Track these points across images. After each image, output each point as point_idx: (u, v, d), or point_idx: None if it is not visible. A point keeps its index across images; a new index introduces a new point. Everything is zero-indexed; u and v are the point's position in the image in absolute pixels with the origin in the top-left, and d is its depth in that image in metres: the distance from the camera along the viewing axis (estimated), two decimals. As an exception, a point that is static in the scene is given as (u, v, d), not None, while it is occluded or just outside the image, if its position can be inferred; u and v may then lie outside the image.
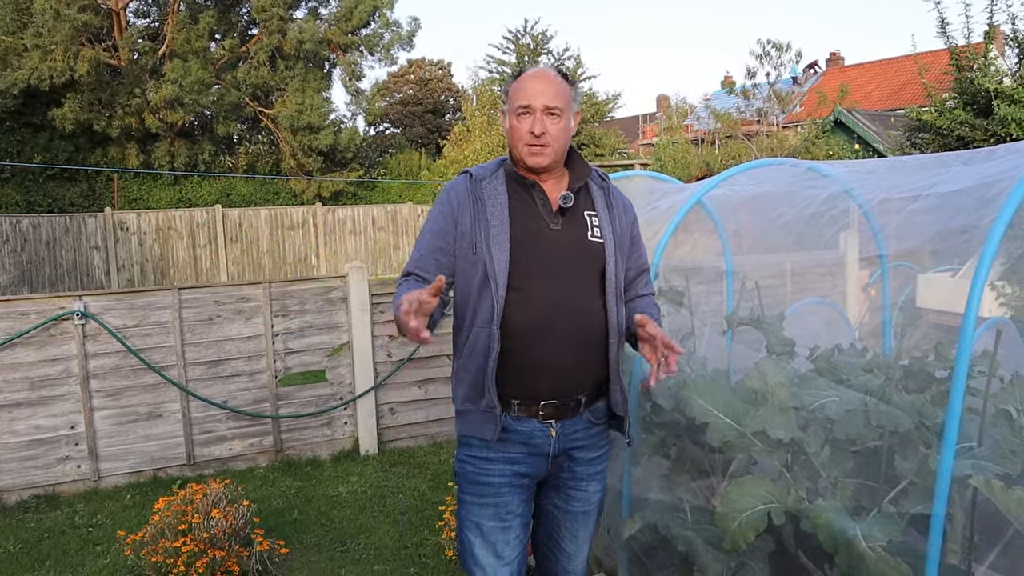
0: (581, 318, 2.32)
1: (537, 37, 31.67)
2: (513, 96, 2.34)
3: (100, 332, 5.39)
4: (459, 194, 2.35)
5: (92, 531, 4.81)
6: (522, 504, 2.41)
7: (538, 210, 2.33)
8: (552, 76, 2.33)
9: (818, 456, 2.64)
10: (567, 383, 2.34)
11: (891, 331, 4.20)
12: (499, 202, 2.31)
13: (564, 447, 2.39)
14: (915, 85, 23.15)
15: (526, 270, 2.26)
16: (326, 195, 21.95)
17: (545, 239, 2.31)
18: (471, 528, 2.39)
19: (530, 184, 2.35)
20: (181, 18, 20.56)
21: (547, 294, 2.28)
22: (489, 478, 2.37)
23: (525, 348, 2.27)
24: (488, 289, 2.24)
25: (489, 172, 2.38)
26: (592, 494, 2.50)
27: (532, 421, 2.34)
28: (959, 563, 2.41)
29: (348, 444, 6.17)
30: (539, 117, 2.27)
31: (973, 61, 10.62)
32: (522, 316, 2.26)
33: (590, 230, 2.36)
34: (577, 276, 2.32)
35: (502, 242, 2.25)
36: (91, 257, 16.94)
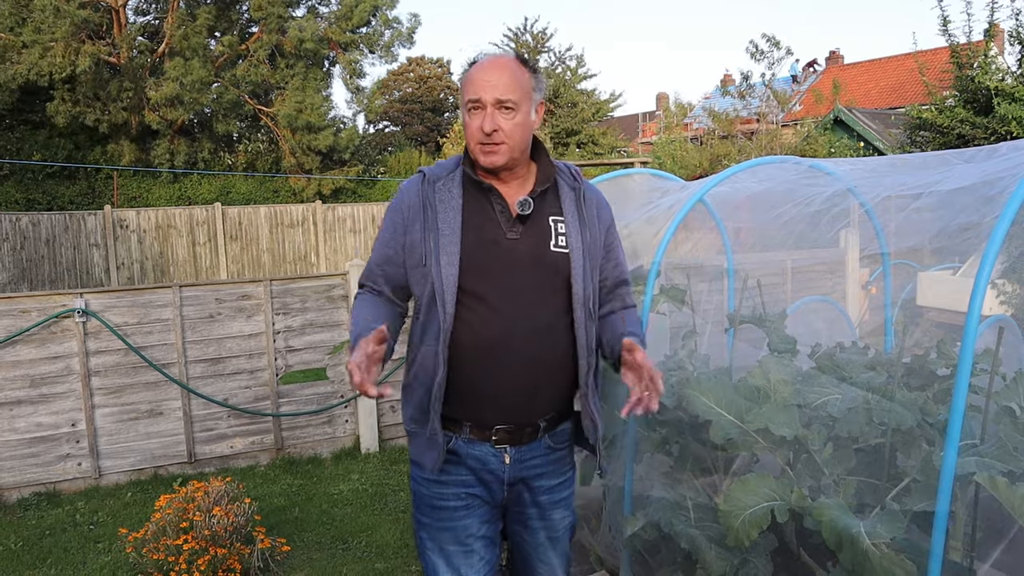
0: (540, 338, 2.10)
1: (537, 35, 31.68)
2: (463, 88, 2.11)
3: (101, 330, 5.39)
4: (410, 198, 2.15)
5: (93, 529, 4.81)
6: (483, 525, 2.23)
7: (495, 216, 2.11)
8: (506, 64, 2.08)
9: (821, 453, 2.64)
10: (522, 409, 2.15)
11: (892, 329, 4.20)
12: (452, 207, 2.09)
13: (520, 475, 2.21)
14: (914, 83, 23.14)
15: (477, 285, 2.06)
16: (326, 193, 21.95)
17: (500, 250, 2.08)
18: (434, 551, 2.23)
19: (487, 188, 2.11)
20: (180, 16, 20.54)
21: (501, 312, 2.06)
22: (444, 502, 2.20)
23: (475, 371, 2.08)
24: (435, 307, 2.05)
25: (445, 172, 2.16)
26: (558, 521, 2.32)
27: (484, 445, 2.16)
28: (962, 560, 2.42)
29: (349, 442, 6.17)
30: (490, 112, 2.03)
31: (974, 59, 10.63)
32: (472, 336, 2.06)
33: (554, 238, 2.12)
34: (537, 291, 2.09)
35: (451, 254, 2.04)
36: (91, 255, 16.92)
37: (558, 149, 27.99)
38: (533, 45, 31.67)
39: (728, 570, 2.61)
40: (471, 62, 2.13)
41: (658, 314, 3.48)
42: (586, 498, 3.84)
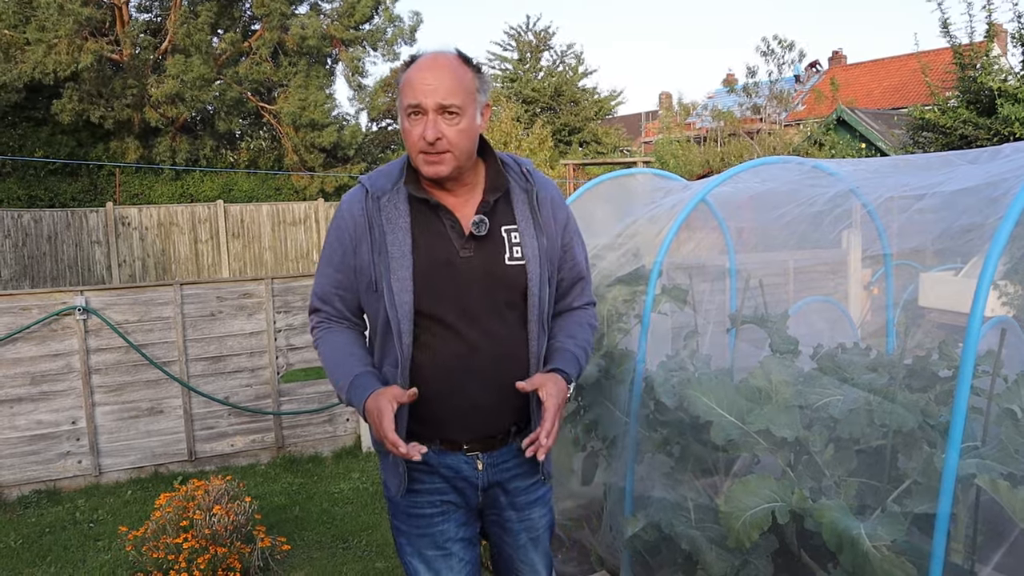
0: (501, 356, 2.03)
1: (539, 34, 31.69)
2: (401, 92, 1.93)
3: (102, 327, 5.39)
4: (355, 218, 2.01)
5: (93, 527, 4.81)
6: (460, 528, 2.18)
7: (446, 232, 1.98)
8: (447, 63, 1.92)
9: (822, 455, 2.64)
10: (489, 424, 2.09)
11: (894, 330, 4.20)
12: (400, 227, 1.96)
13: (494, 479, 2.15)
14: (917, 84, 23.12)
15: (436, 310, 1.97)
16: (328, 191, 21.94)
17: (454, 269, 1.97)
18: (413, 556, 2.18)
19: (434, 204, 1.99)
20: (183, 13, 20.54)
21: (461, 333, 1.99)
22: (419, 510, 2.14)
23: (440, 396, 2.01)
24: (390, 333, 1.97)
25: (389, 184, 2.01)
26: (537, 520, 2.27)
27: (457, 455, 2.10)
28: (963, 563, 2.41)
29: (350, 441, 6.17)
30: (432, 119, 1.88)
31: (976, 59, 10.61)
32: (432, 360, 1.99)
33: (508, 251, 2.01)
34: (494, 309, 2.01)
35: (403, 279, 1.94)
36: (92, 252, 16.92)
37: (559, 147, 28.00)
38: (535, 44, 31.69)
39: (729, 571, 2.60)
40: (408, 61, 1.97)
41: (660, 314, 3.47)
42: (587, 498, 3.84)
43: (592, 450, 3.56)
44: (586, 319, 2.24)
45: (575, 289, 2.23)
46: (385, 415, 1.86)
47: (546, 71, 31.12)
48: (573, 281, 2.22)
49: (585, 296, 2.25)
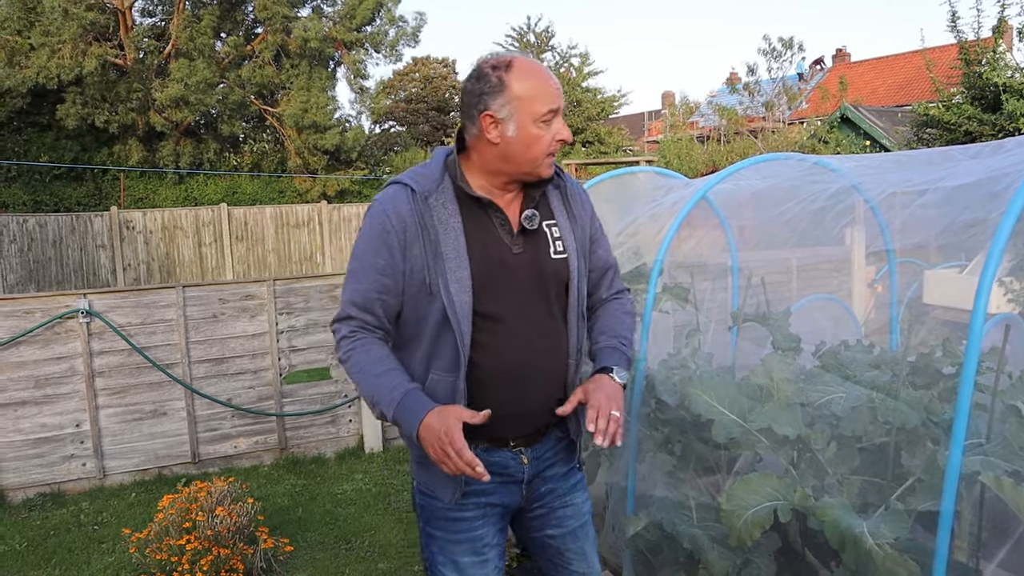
0: (551, 350, 2.07)
1: (541, 34, 31.69)
2: (533, 98, 1.94)
3: (105, 330, 5.39)
4: (403, 219, 1.96)
5: (97, 529, 4.81)
6: (498, 534, 2.19)
7: (496, 231, 2.01)
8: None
9: (824, 453, 2.62)
10: (538, 419, 2.12)
11: (898, 327, 4.17)
12: (452, 227, 1.96)
13: (536, 471, 2.18)
14: (921, 81, 23.06)
15: (493, 309, 1.98)
16: (331, 193, 21.98)
17: (509, 268, 2.00)
18: (447, 565, 2.15)
19: (486, 203, 2.00)
20: (186, 17, 20.60)
21: (518, 332, 2.01)
22: (462, 513, 2.12)
23: (495, 394, 2.00)
24: (448, 333, 1.95)
25: (434, 185, 2.00)
26: (580, 505, 2.28)
27: (503, 452, 2.11)
28: (967, 561, 2.39)
29: (353, 442, 6.17)
30: (559, 120, 1.98)
31: (982, 55, 10.57)
32: (491, 361, 1.99)
33: (552, 245, 2.06)
34: (544, 303, 2.05)
35: (462, 280, 1.93)
36: (97, 256, 16.96)
37: (563, 148, 27.97)
38: (536, 44, 31.69)
39: (731, 570, 2.59)
40: (503, 64, 1.95)
41: (661, 312, 3.46)
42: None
43: (593, 449, 3.55)
44: (620, 308, 2.25)
45: (605, 279, 2.25)
46: (456, 434, 1.83)
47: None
48: (603, 271, 2.24)
49: (616, 284, 2.28)
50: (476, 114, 1.96)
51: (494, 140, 1.95)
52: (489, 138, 1.96)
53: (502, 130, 1.94)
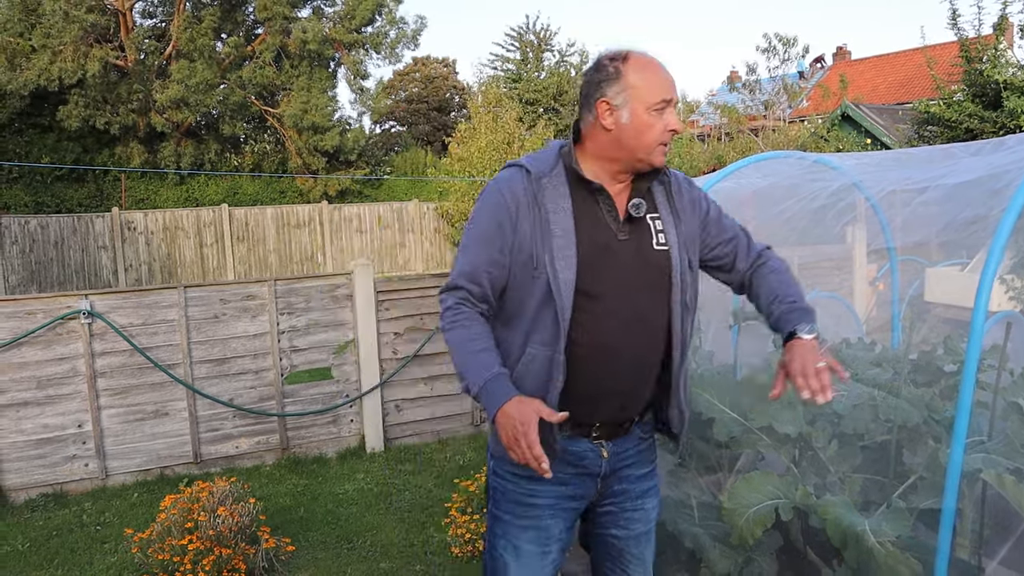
0: (648, 337, 2.11)
1: (540, 34, 31.66)
2: (645, 88, 2.01)
3: (107, 331, 5.39)
4: (516, 197, 2.05)
5: (100, 529, 4.82)
6: (565, 531, 2.22)
7: (604, 217, 2.08)
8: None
9: (826, 451, 2.62)
10: (627, 405, 2.15)
11: (900, 325, 4.17)
12: (562, 208, 2.04)
13: (614, 467, 2.20)
14: (922, 79, 23.03)
15: (594, 289, 2.03)
16: (332, 193, 21.98)
17: (613, 252, 2.06)
18: (508, 549, 2.19)
19: (596, 188, 2.07)
20: (186, 18, 20.60)
21: (615, 314, 2.05)
22: (534, 499, 2.16)
23: (589, 372, 2.06)
24: (549, 308, 2.01)
25: (548, 168, 2.09)
26: (650, 511, 2.31)
27: (583, 441, 2.14)
28: (969, 558, 2.39)
29: (354, 442, 6.17)
30: (672, 111, 2.03)
31: (983, 53, 10.55)
32: (588, 339, 2.04)
33: (654, 237, 2.11)
34: (645, 291, 2.09)
35: (568, 257, 2.00)
36: (99, 257, 16.99)
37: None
38: (536, 44, 31.66)
39: (733, 569, 2.59)
40: (621, 56, 2.04)
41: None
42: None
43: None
44: (768, 271, 2.26)
45: (738, 250, 2.28)
46: (532, 427, 1.88)
47: (548, 71, 31.11)
48: (730, 242, 2.27)
49: (753, 249, 2.30)
50: (593, 102, 2.05)
51: (608, 126, 2.03)
52: (604, 124, 2.04)
53: (617, 117, 2.02)
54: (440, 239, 19.75)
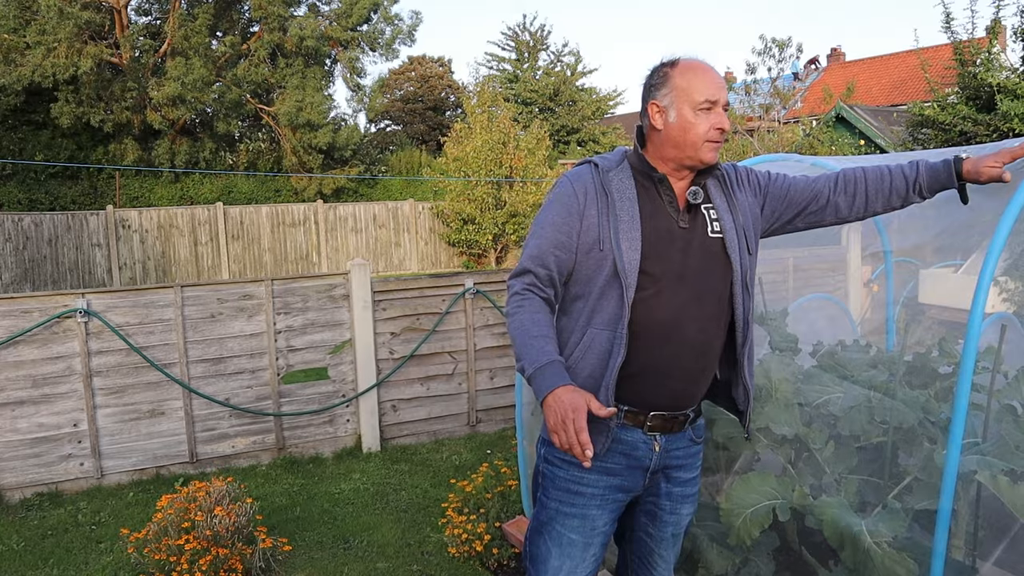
0: (709, 322, 2.20)
1: (535, 33, 31.67)
2: (691, 89, 2.15)
3: (103, 330, 5.39)
4: (584, 185, 2.20)
5: (95, 529, 4.81)
6: (609, 523, 2.27)
7: (664, 206, 2.20)
8: (715, 68, 2.21)
9: (822, 452, 2.64)
10: (683, 392, 2.22)
11: (894, 327, 4.19)
12: (627, 196, 2.18)
13: (663, 463, 2.26)
14: (916, 81, 23.10)
15: (656, 270, 2.13)
16: (327, 192, 21.96)
17: (675, 237, 2.17)
18: (552, 537, 2.25)
19: (659, 178, 2.20)
20: (181, 16, 20.56)
21: (676, 297, 2.15)
22: (581, 487, 2.22)
23: (648, 353, 2.14)
24: (613, 289, 2.12)
25: (614, 164, 2.25)
26: (684, 517, 2.37)
27: (637, 431, 2.21)
28: (964, 559, 2.41)
29: (351, 441, 6.17)
30: (720, 112, 2.15)
31: (976, 56, 10.59)
32: (649, 320, 2.13)
33: (709, 225, 2.22)
34: (705, 276, 2.19)
35: (633, 239, 2.12)
36: (93, 255, 16.95)
37: (559, 147, 27.98)
38: (531, 43, 31.68)
39: (730, 569, 2.60)
40: (671, 62, 2.20)
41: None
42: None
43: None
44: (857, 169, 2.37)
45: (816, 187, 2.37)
46: (581, 413, 1.96)
47: (544, 70, 31.12)
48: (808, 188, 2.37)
49: (828, 176, 2.39)
50: (646, 105, 2.23)
51: (658, 126, 2.19)
52: (655, 125, 2.19)
53: (665, 117, 2.18)
54: (435, 239, 19.74)
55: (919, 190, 2.28)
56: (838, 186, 2.35)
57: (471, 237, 18.27)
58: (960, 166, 2.19)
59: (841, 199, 2.34)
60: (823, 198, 2.35)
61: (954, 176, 2.20)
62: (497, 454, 5.76)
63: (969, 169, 2.17)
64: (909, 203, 2.33)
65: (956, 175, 2.20)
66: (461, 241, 18.64)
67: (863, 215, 2.38)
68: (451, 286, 6.38)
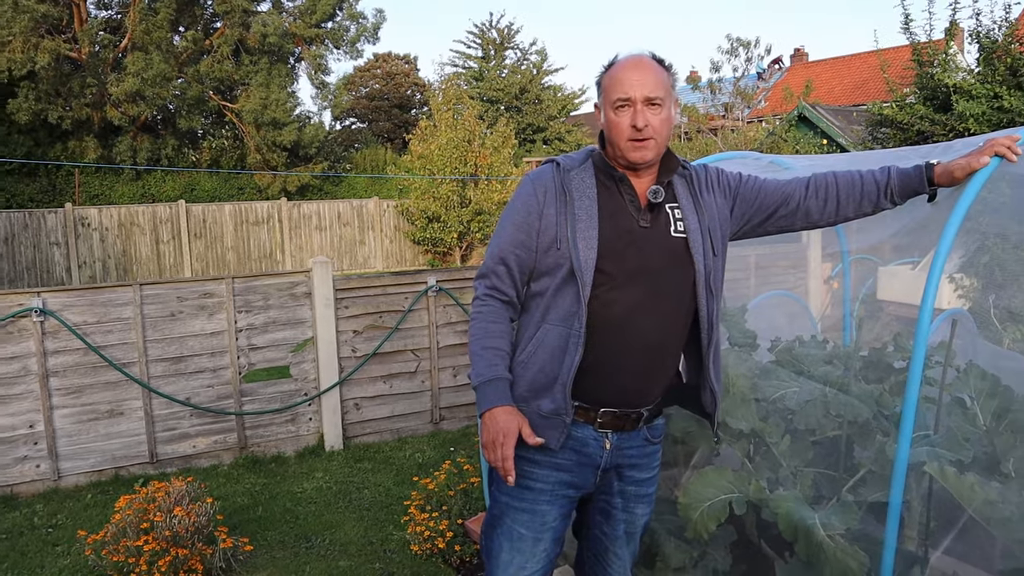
0: (663, 321, 2.18)
1: (502, 31, 31.65)
2: (609, 88, 2.16)
3: (60, 329, 5.30)
4: (545, 184, 2.21)
5: (52, 532, 4.73)
6: (560, 518, 2.28)
7: (626, 205, 2.19)
8: (649, 63, 2.16)
9: (779, 446, 2.67)
10: (635, 390, 2.21)
11: (851, 323, 4.26)
12: (587, 195, 2.18)
13: (616, 462, 2.27)
14: (877, 81, 23.45)
15: (613, 269, 2.13)
16: (292, 190, 21.77)
17: (634, 237, 2.16)
18: (503, 531, 2.27)
19: (619, 177, 2.20)
20: (142, 10, 20.23)
21: (631, 295, 2.14)
22: (530, 482, 2.23)
23: (599, 350, 2.14)
24: (569, 287, 2.12)
25: (577, 163, 2.25)
26: (638, 516, 2.38)
27: (587, 428, 2.21)
28: (916, 549, 2.46)
29: (313, 440, 6.13)
30: (640, 109, 2.10)
31: (934, 57, 10.77)
32: (602, 317, 2.13)
33: (672, 225, 2.21)
34: (664, 275, 2.18)
35: (590, 238, 2.12)
36: (51, 254, 16.65)
37: (525, 146, 28.00)
38: (499, 41, 31.65)
39: (687, 562, 2.63)
40: (609, 63, 2.21)
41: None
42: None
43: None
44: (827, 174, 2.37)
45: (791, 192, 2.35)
46: (510, 440, 2.07)
47: (510, 69, 31.12)
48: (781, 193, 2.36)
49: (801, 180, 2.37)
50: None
51: (600, 126, 2.24)
52: (599, 124, 2.24)
53: (599, 116, 2.23)
54: (400, 237, 19.66)
55: (891, 195, 2.29)
56: (809, 191, 2.34)
57: (436, 235, 18.22)
58: (931, 171, 2.22)
59: (812, 204, 2.34)
60: (794, 202, 2.34)
61: (925, 181, 2.23)
62: (460, 451, 5.76)
63: (940, 173, 2.20)
64: (880, 209, 2.34)
65: (928, 180, 2.22)
66: (426, 239, 18.59)
67: (834, 220, 2.38)
68: (414, 284, 6.36)
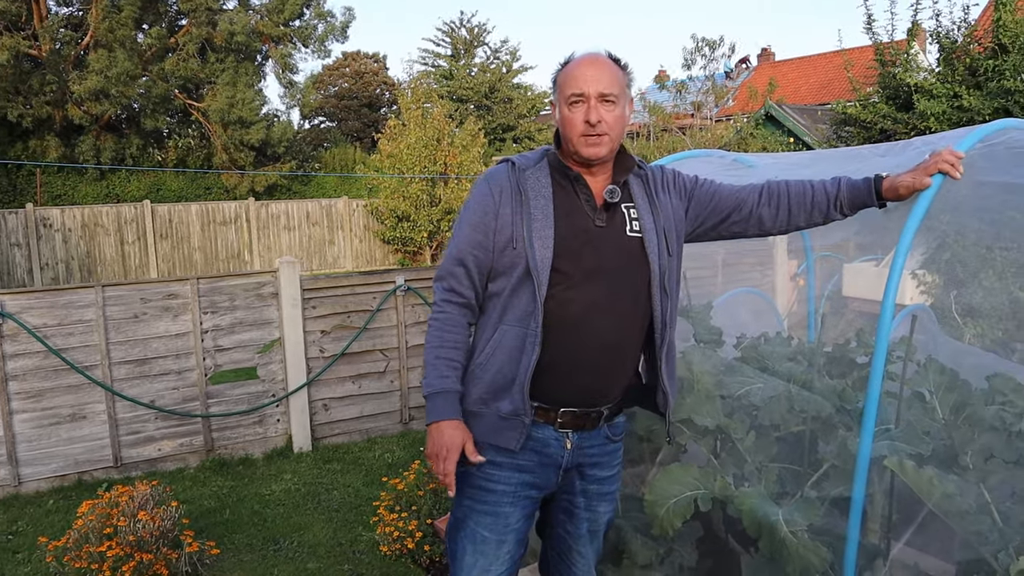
0: (620, 320, 2.20)
1: (473, 30, 31.61)
2: (563, 84, 2.18)
3: (19, 332, 5.20)
4: (500, 184, 2.21)
5: (12, 539, 4.64)
6: (522, 520, 2.29)
7: (582, 205, 2.20)
8: (604, 60, 2.18)
9: (743, 442, 2.69)
10: (594, 389, 2.22)
11: (816, 319, 4.30)
12: (543, 195, 2.19)
13: (577, 461, 2.28)
14: (842, 80, 23.72)
15: (569, 268, 2.14)
16: (260, 190, 21.54)
17: (590, 236, 2.18)
18: (466, 534, 2.27)
19: (574, 176, 2.21)
20: (104, 7, 19.89)
21: (587, 294, 2.15)
22: (493, 485, 2.24)
23: (557, 349, 2.15)
24: (526, 287, 2.13)
25: (532, 162, 2.25)
26: (601, 515, 2.40)
27: (548, 428, 2.22)
28: (879, 542, 2.49)
29: (281, 442, 6.08)
30: (594, 105, 2.12)
31: (896, 57, 10.93)
32: (559, 317, 2.14)
33: (628, 224, 2.22)
34: (620, 275, 2.20)
35: (546, 237, 2.13)
36: (12, 255, 16.34)
37: (495, 145, 27.99)
38: (469, 40, 31.62)
39: (654, 559, 2.64)
40: (566, 61, 2.22)
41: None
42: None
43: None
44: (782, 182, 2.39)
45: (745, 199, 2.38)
46: (453, 455, 2.13)
47: (480, 67, 31.08)
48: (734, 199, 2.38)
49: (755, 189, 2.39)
50: None
51: (555, 123, 2.24)
52: (554, 122, 2.25)
53: (555, 113, 2.24)
54: (370, 236, 19.56)
55: (840, 207, 2.31)
56: (762, 198, 2.36)
57: (406, 234, 18.15)
58: (880, 184, 2.25)
59: (765, 211, 2.36)
60: (747, 208, 2.36)
61: (874, 195, 2.26)
62: (431, 452, 5.74)
63: (887, 188, 2.23)
64: (831, 220, 2.36)
65: (876, 194, 2.25)
66: (396, 238, 18.51)
67: (786, 229, 2.41)
68: (382, 283, 6.33)
